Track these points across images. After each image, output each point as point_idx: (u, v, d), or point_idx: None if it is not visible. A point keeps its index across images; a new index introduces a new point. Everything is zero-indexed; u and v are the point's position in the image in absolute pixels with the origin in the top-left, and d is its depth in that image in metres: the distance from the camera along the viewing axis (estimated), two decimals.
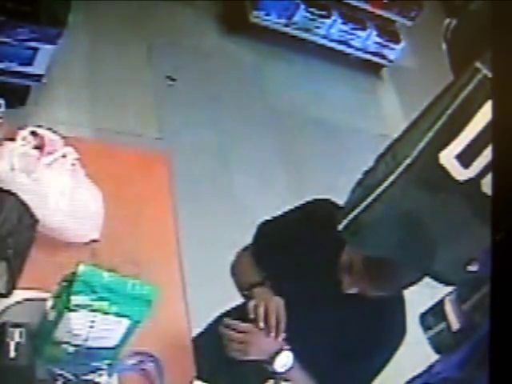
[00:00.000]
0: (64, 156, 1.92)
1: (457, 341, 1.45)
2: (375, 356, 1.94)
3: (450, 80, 1.41)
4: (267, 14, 4.62)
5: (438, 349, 1.50)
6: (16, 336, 1.48)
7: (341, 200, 1.64)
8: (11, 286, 1.68)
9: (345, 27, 4.82)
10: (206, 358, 1.93)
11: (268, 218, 2.18)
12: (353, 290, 1.87)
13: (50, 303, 1.54)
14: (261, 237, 2.15)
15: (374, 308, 1.92)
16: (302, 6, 4.65)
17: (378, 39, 4.94)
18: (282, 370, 1.88)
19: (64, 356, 1.55)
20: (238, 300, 2.20)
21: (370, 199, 1.45)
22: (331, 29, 4.80)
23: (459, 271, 1.46)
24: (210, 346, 2.03)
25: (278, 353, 1.88)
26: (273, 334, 1.90)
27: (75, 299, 1.47)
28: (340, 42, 4.90)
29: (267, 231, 2.15)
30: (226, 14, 4.75)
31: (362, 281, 1.84)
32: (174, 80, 4.19)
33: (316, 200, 2.10)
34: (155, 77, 4.17)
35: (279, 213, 2.16)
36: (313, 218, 2.04)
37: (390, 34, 5.00)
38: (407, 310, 1.97)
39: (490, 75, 1.27)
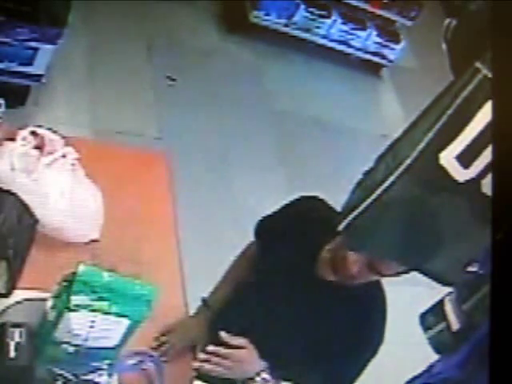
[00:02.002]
0: (64, 156, 1.92)
1: (457, 341, 1.44)
2: (354, 357, 1.90)
3: (450, 80, 1.41)
4: (267, 14, 4.62)
5: (438, 349, 1.50)
6: (16, 336, 1.48)
7: (340, 200, 1.63)
8: (11, 286, 1.68)
9: (345, 27, 4.82)
10: None
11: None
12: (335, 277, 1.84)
13: (49, 303, 1.54)
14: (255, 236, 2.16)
15: (354, 311, 1.89)
16: (302, 6, 4.64)
17: (378, 39, 4.94)
18: None
19: (64, 356, 1.55)
20: None
21: (370, 200, 1.45)
22: (331, 29, 4.80)
23: (459, 271, 1.45)
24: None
25: (257, 375, 1.86)
26: None
27: (75, 299, 1.47)
28: (340, 42, 4.90)
29: (258, 231, 2.16)
30: (226, 13, 4.74)
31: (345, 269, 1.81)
32: (173, 80, 4.19)
33: (303, 197, 2.09)
34: (155, 77, 4.17)
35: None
36: (299, 215, 2.03)
37: (390, 33, 5.00)
38: (407, 310, 1.97)
39: (489, 75, 1.27)
